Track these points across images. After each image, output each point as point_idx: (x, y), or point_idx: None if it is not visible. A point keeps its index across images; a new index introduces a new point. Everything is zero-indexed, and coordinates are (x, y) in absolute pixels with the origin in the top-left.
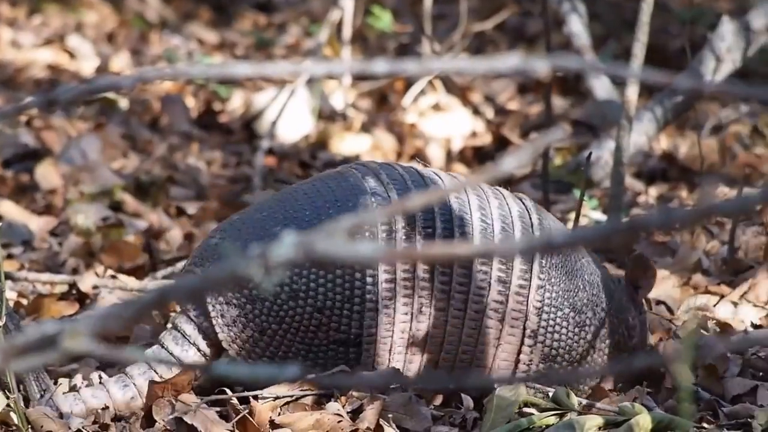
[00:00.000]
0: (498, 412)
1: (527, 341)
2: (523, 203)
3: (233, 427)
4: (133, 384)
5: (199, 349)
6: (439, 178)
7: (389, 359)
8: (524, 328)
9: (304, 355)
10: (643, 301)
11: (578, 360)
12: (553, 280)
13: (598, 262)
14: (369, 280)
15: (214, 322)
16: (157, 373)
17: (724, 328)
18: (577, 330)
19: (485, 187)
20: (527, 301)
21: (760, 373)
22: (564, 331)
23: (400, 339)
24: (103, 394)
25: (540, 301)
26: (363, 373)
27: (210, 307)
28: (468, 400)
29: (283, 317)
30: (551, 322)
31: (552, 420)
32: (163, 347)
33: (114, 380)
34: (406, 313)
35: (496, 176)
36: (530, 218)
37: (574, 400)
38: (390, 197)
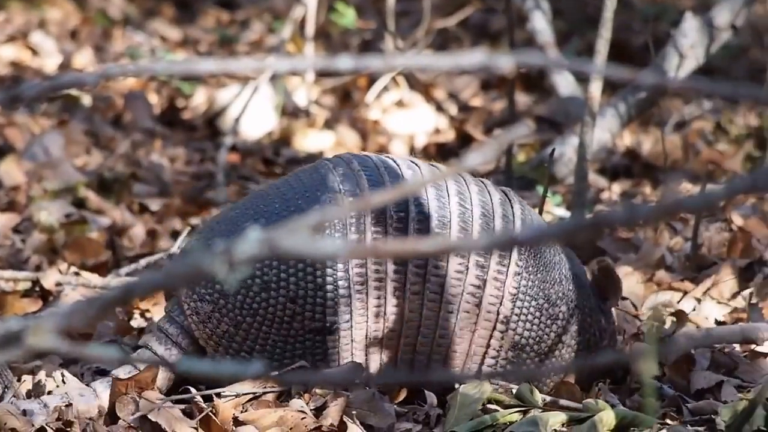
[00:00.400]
0: (462, 409)
1: (499, 326)
2: (506, 193)
3: (197, 425)
4: None
5: (182, 348)
6: (417, 166)
7: (366, 345)
8: (498, 314)
9: (281, 346)
10: (611, 310)
11: (546, 353)
12: (530, 268)
13: (576, 261)
14: (340, 266)
15: (189, 320)
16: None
17: (682, 318)
18: (548, 322)
19: (466, 175)
20: (504, 286)
21: (723, 370)
22: (536, 321)
23: (375, 324)
24: (91, 394)
25: (516, 288)
26: (325, 371)
27: (185, 305)
28: (431, 397)
29: (256, 309)
30: (524, 311)
31: (515, 417)
32: (147, 348)
33: (100, 381)
34: (379, 297)
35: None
36: (512, 207)
37: (538, 396)
38: (361, 186)
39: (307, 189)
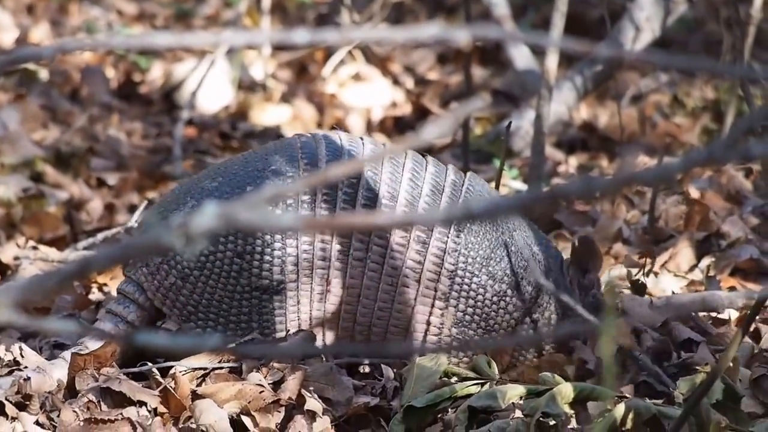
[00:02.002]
0: (418, 382)
1: (438, 303)
2: (463, 178)
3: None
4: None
5: (138, 305)
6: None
7: (310, 309)
8: (435, 290)
9: (227, 302)
10: (596, 282)
11: (497, 330)
12: (470, 245)
13: (542, 238)
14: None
15: (139, 272)
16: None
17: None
18: (495, 299)
19: (428, 158)
20: (442, 263)
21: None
22: (480, 298)
23: (319, 287)
24: (48, 369)
25: (453, 265)
26: (281, 344)
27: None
28: (388, 371)
29: (204, 263)
30: (465, 287)
31: (473, 389)
32: (108, 312)
33: (72, 350)
34: (325, 259)
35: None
36: (463, 183)
37: (495, 369)
38: (320, 164)
39: (270, 163)
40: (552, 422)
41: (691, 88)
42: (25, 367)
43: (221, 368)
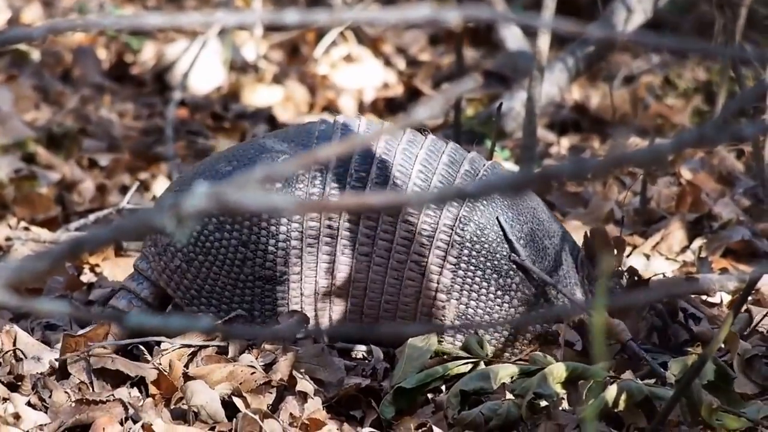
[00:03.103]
0: (410, 362)
1: (440, 296)
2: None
3: (154, 365)
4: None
5: (151, 282)
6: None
7: (315, 300)
8: (438, 283)
9: (230, 290)
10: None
11: (501, 324)
12: (474, 238)
13: (555, 229)
14: (295, 217)
15: (147, 251)
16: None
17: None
18: (499, 293)
19: (446, 149)
20: (445, 255)
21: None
22: (483, 291)
23: (324, 280)
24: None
25: (456, 258)
26: (273, 326)
27: (147, 238)
28: (378, 351)
29: (209, 248)
30: (468, 281)
31: (464, 368)
32: (122, 288)
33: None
34: (330, 253)
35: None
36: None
37: (487, 348)
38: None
39: (285, 149)
40: (543, 403)
41: (683, 69)
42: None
43: (207, 347)
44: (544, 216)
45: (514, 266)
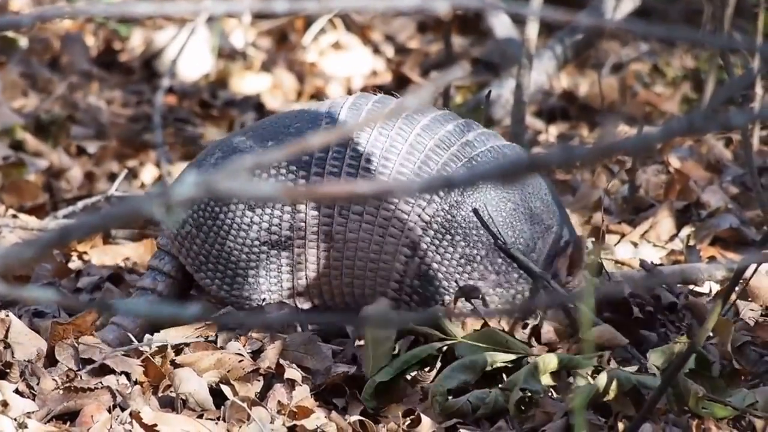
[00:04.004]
0: (377, 348)
1: (405, 251)
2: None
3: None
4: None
5: (172, 256)
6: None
7: (318, 263)
8: (407, 237)
9: (236, 255)
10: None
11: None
12: (454, 203)
13: (553, 218)
14: (301, 181)
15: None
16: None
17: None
18: (462, 261)
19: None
20: (422, 210)
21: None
22: (448, 255)
23: (324, 243)
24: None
25: (430, 216)
26: (263, 314)
27: None
28: (353, 334)
29: (217, 213)
30: (435, 242)
31: (462, 351)
32: (149, 267)
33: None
34: (329, 216)
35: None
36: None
37: (459, 330)
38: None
39: (295, 123)
40: (529, 394)
41: (672, 57)
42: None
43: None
44: (536, 203)
45: (484, 240)
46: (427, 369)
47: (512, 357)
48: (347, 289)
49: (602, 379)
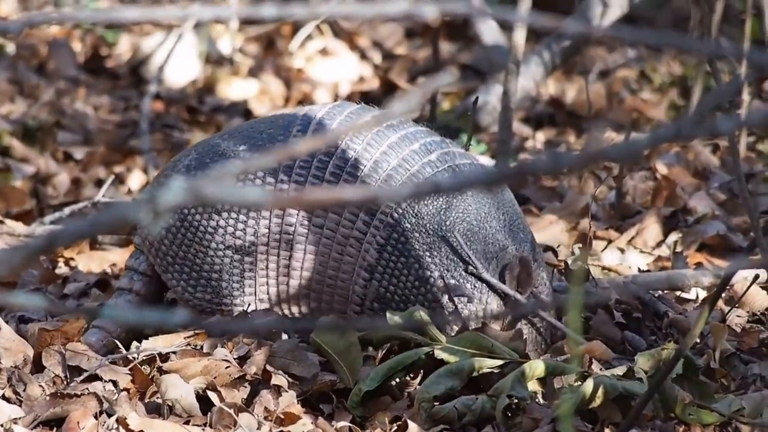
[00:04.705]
0: (344, 358)
1: (363, 274)
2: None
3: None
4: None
5: (147, 256)
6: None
7: (277, 276)
8: (364, 260)
9: (201, 258)
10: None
11: None
12: (408, 225)
13: (521, 241)
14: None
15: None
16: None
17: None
18: (417, 284)
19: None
20: (377, 233)
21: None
22: (402, 278)
23: (285, 252)
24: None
25: (385, 240)
26: (248, 320)
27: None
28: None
29: (185, 215)
30: (391, 264)
31: (445, 356)
32: (127, 267)
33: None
34: (291, 225)
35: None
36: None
37: (441, 336)
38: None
39: (269, 128)
40: (515, 400)
41: (659, 63)
42: None
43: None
44: (492, 223)
45: (438, 261)
46: (411, 375)
47: (499, 363)
48: (314, 303)
49: (588, 385)
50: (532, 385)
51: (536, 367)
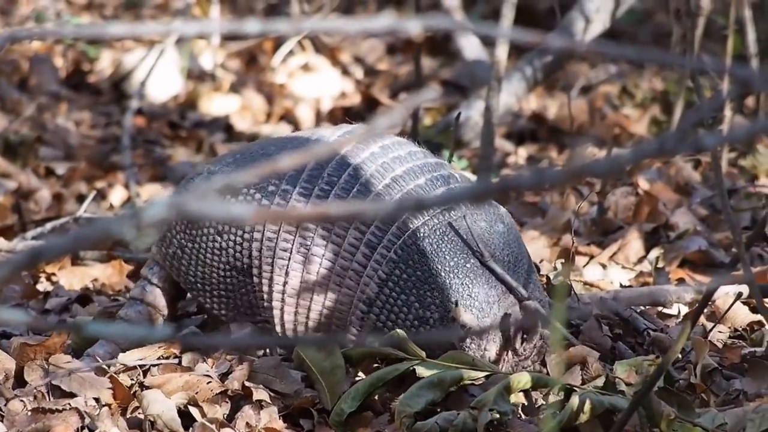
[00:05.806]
0: (327, 379)
1: (361, 306)
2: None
3: (109, 383)
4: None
5: (161, 266)
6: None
7: (283, 296)
8: (363, 293)
9: (208, 278)
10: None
11: None
12: (410, 262)
13: (524, 282)
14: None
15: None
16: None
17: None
18: (415, 322)
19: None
20: (379, 268)
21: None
22: (402, 315)
23: (279, 278)
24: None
25: (387, 275)
26: (230, 336)
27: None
28: (294, 368)
29: (195, 236)
30: (391, 300)
31: (426, 371)
32: (141, 276)
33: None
34: (286, 250)
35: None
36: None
37: (420, 351)
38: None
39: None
40: (497, 415)
41: (641, 79)
42: None
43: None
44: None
45: (438, 302)
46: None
47: (481, 374)
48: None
49: (575, 401)
50: (515, 398)
51: (520, 379)
